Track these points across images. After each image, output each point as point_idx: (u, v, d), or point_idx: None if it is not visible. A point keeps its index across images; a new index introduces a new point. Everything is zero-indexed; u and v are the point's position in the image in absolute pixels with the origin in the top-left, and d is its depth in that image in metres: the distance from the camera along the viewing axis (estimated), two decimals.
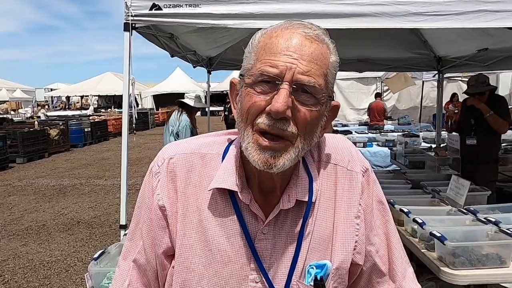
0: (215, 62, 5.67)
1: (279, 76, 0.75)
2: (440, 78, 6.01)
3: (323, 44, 0.80)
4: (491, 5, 2.28)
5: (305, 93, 0.76)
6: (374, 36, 4.44)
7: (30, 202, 6.86)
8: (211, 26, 2.48)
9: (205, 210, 0.86)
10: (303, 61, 0.75)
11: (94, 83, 29.68)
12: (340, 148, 0.95)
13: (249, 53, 0.82)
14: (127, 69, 2.66)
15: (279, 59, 0.75)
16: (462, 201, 2.81)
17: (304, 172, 0.88)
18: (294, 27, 0.79)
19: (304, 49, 0.76)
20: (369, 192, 0.94)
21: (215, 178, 0.86)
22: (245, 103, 0.78)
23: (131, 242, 0.96)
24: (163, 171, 0.89)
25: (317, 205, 0.89)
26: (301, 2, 2.41)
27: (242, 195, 0.84)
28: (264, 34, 0.82)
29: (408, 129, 9.35)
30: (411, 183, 3.54)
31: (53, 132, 12.70)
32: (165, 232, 0.89)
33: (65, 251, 4.69)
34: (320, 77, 0.77)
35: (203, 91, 26.94)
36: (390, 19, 2.34)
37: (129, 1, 2.48)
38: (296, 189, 0.86)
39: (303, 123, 0.77)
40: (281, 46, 0.76)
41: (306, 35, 0.78)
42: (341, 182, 0.92)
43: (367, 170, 0.95)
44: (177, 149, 0.91)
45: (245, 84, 0.79)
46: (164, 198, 0.88)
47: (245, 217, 0.85)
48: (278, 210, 0.84)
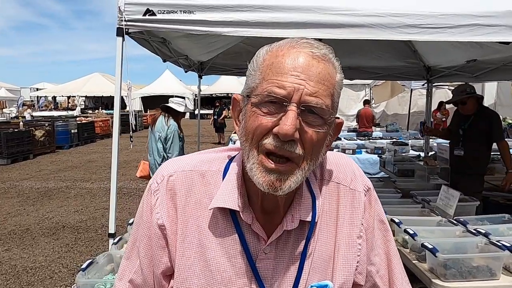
0: (206, 67, 5.65)
1: (286, 97, 0.73)
2: (429, 87, 6.09)
3: (329, 63, 0.78)
4: (484, 20, 2.31)
5: (312, 114, 0.75)
6: (365, 44, 4.48)
7: (13, 205, 6.70)
8: (205, 33, 2.46)
9: (205, 230, 0.85)
10: (310, 82, 0.74)
11: (81, 83, 29.30)
12: (343, 167, 0.94)
13: (254, 71, 0.80)
14: (119, 73, 2.62)
15: (287, 80, 0.74)
16: (452, 212, 2.84)
17: (307, 191, 0.87)
18: (301, 46, 0.77)
19: (311, 69, 0.75)
20: (371, 211, 0.94)
21: (216, 197, 0.84)
22: (251, 123, 0.77)
23: (127, 261, 0.93)
24: (162, 189, 0.87)
25: (320, 224, 0.88)
26: (296, 12, 2.41)
27: (243, 214, 0.83)
28: (269, 52, 0.80)
29: (396, 136, 9.45)
30: (401, 192, 3.56)
31: (38, 133, 12.47)
32: (165, 251, 0.87)
33: (49, 256, 4.59)
34: (327, 97, 0.76)
35: (192, 93, 26.96)
36: (385, 30, 2.36)
37: (123, 6, 2.44)
38: (300, 209, 0.84)
39: (310, 144, 0.76)
40: (288, 66, 0.75)
41: (313, 55, 0.76)
42: (344, 201, 0.91)
43: (369, 189, 0.95)
44: (177, 166, 0.89)
45: (250, 103, 0.77)
46: (164, 217, 0.86)
47: (246, 237, 0.84)
48: (282, 231, 0.83)
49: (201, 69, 5.69)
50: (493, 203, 4.35)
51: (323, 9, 2.39)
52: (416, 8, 2.37)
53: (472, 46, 3.86)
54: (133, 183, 8.22)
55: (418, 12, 2.35)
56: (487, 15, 2.32)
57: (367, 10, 2.38)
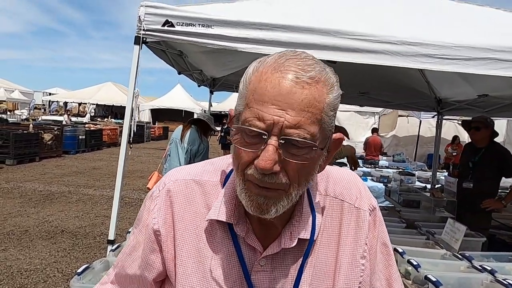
0: (218, 83, 5.71)
1: (266, 130, 0.69)
2: (439, 120, 6.08)
3: (318, 84, 0.71)
4: (499, 54, 2.31)
5: (296, 145, 0.70)
6: (377, 71, 4.50)
7: (15, 206, 6.70)
8: (222, 48, 2.49)
9: (203, 239, 0.84)
10: (292, 112, 0.69)
11: (93, 91, 29.72)
12: (348, 183, 0.92)
13: (241, 94, 0.76)
14: (133, 80, 2.65)
15: (266, 111, 0.69)
16: (457, 246, 2.78)
17: (308, 207, 0.85)
18: (285, 69, 0.71)
19: (294, 97, 0.69)
20: (374, 232, 0.91)
21: (212, 209, 0.84)
22: (236, 152, 0.75)
23: (121, 263, 0.95)
24: (162, 196, 0.88)
25: (320, 241, 0.86)
26: (312, 34, 2.44)
27: (237, 227, 0.82)
28: (256, 72, 0.74)
29: (402, 166, 9.37)
30: (406, 222, 3.51)
31: (46, 137, 12.58)
32: (158, 256, 0.87)
33: (45, 260, 4.54)
34: (312, 125, 0.70)
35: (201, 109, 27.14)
36: (400, 58, 2.37)
37: (143, 15, 2.49)
38: (299, 227, 0.82)
39: (295, 173, 0.72)
40: (269, 94, 0.70)
41: (297, 80, 0.70)
42: (347, 219, 0.89)
43: (375, 209, 0.92)
44: (179, 175, 0.90)
45: (235, 128, 0.75)
46: (160, 223, 0.86)
47: (242, 248, 0.83)
48: (280, 249, 0.81)
49: (213, 85, 5.74)
50: (499, 241, 4.27)
51: (340, 33, 2.42)
52: (432, 38, 2.38)
53: (484, 81, 3.86)
54: (136, 193, 8.20)
55: (434, 42, 2.37)
56: (503, 50, 2.32)
57: (383, 37, 2.40)
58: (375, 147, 10.55)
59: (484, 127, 4.01)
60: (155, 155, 15.59)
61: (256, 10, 2.74)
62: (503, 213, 4.86)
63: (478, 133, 4.04)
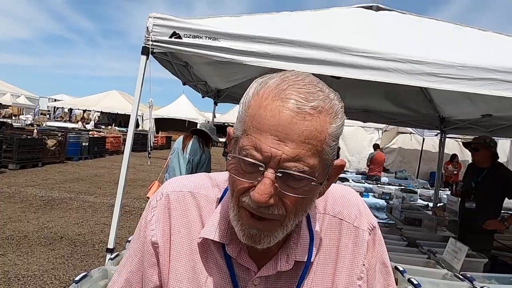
0: (223, 94, 5.75)
1: (263, 162, 0.67)
2: (442, 138, 6.07)
3: (321, 114, 0.68)
4: (503, 75, 2.32)
5: (293, 178, 0.67)
6: (382, 88, 4.53)
7: (15, 211, 6.69)
8: (227, 61, 2.52)
9: (197, 255, 0.83)
10: (291, 144, 0.65)
11: (98, 98, 29.92)
12: (348, 202, 0.90)
13: (240, 117, 0.73)
14: (139, 90, 2.67)
15: (265, 142, 0.66)
16: (458, 266, 2.75)
17: (306, 228, 0.83)
18: (287, 97, 0.67)
19: (294, 128, 0.65)
20: (373, 252, 0.89)
21: (206, 226, 0.82)
22: (232, 177, 0.73)
23: (118, 275, 0.92)
24: (159, 206, 0.86)
25: (317, 262, 0.84)
26: (318, 49, 2.46)
27: (229, 247, 0.80)
28: (256, 95, 0.71)
29: (405, 183, 9.33)
30: (407, 240, 3.48)
31: (50, 142, 12.63)
32: (155, 269, 0.85)
33: (43, 266, 4.52)
34: (312, 157, 0.67)
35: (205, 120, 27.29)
36: (403, 76, 2.39)
37: (151, 26, 2.53)
38: (296, 249, 0.80)
39: (292, 206, 0.70)
40: (268, 122, 0.66)
41: (298, 111, 0.66)
42: (345, 239, 0.87)
43: (374, 228, 0.90)
44: (177, 186, 0.88)
45: (232, 154, 0.73)
46: (158, 234, 0.84)
47: (235, 268, 0.81)
48: (275, 272, 0.80)
49: (218, 96, 5.78)
50: (501, 263, 4.22)
51: (345, 49, 2.44)
52: (436, 57, 2.40)
53: (488, 101, 3.86)
54: (136, 202, 8.18)
55: (438, 61, 2.38)
56: (506, 71, 2.33)
57: (387, 54, 2.42)
58: (380, 163, 10.54)
59: (483, 148, 4.01)
60: (157, 164, 15.59)
61: (262, 24, 2.77)
62: (505, 235, 4.81)
63: (477, 154, 4.06)
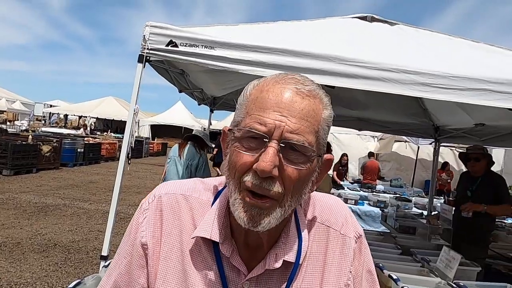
0: (219, 102, 5.77)
1: (267, 134, 0.72)
2: (436, 147, 6.12)
3: (316, 99, 0.77)
4: (495, 86, 2.37)
5: (294, 151, 0.73)
6: (376, 97, 4.57)
7: (8, 217, 6.64)
8: (223, 69, 2.54)
9: (188, 256, 0.84)
10: (292, 118, 0.72)
11: (94, 105, 29.87)
12: (335, 210, 0.93)
13: (240, 105, 0.80)
14: (135, 98, 2.69)
15: (268, 116, 0.73)
16: (451, 275, 2.76)
17: (295, 230, 0.85)
18: (286, 82, 0.76)
19: (294, 106, 0.73)
20: (360, 260, 0.91)
21: (199, 226, 0.84)
22: (233, 159, 0.76)
23: (107, 278, 0.92)
24: (151, 209, 0.87)
25: (305, 266, 0.86)
26: (313, 58, 2.49)
27: (223, 246, 0.82)
28: (256, 87, 0.79)
29: (400, 191, 9.37)
30: (401, 249, 3.49)
31: (45, 148, 12.56)
32: (143, 272, 0.86)
33: (36, 273, 4.48)
34: (311, 134, 0.74)
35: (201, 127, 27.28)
36: (397, 85, 2.42)
37: (147, 35, 2.55)
38: (285, 249, 0.83)
39: (291, 182, 0.74)
40: (271, 101, 0.74)
41: (297, 91, 0.75)
42: (333, 246, 0.89)
43: (360, 237, 0.93)
44: (170, 189, 0.90)
45: (234, 137, 0.77)
46: (148, 236, 0.85)
47: (226, 269, 0.82)
48: (264, 270, 0.81)
49: (214, 104, 5.81)
50: (494, 272, 4.24)
51: (339, 59, 2.48)
52: (429, 67, 2.44)
53: (481, 110, 3.91)
54: (131, 209, 8.14)
55: (431, 71, 2.42)
56: (498, 82, 2.38)
57: (381, 64, 2.46)
58: (373, 171, 10.57)
59: (483, 157, 4.06)
60: (152, 170, 15.55)
61: (258, 34, 2.81)
62: (499, 243, 4.84)
63: (478, 164, 4.06)
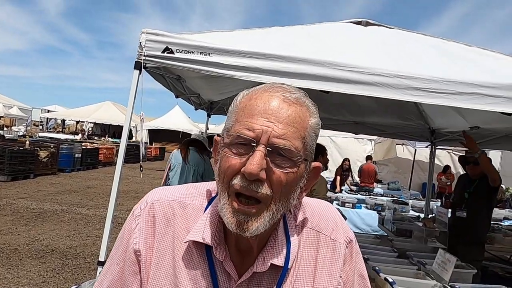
0: (216, 106, 5.79)
1: (255, 138, 0.75)
2: (432, 150, 6.15)
3: (302, 106, 0.80)
4: (487, 90, 2.40)
5: (281, 156, 0.76)
6: (373, 101, 4.60)
7: (6, 223, 6.62)
8: (219, 75, 2.56)
9: (179, 262, 0.85)
10: (279, 124, 0.76)
11: (92, 110, 29.86)
12: (325, 215, 0.94)
13: (230, 113, 0.83)
14: (131, 104, 2.71)
15: (256, 122, 0.76)
16: (447, 277, 2.78)
17: (283, 235, 0.87)
18: (274, 90, 0.80)
19: (281, 112, 0.77)
20: (351, 264, 0.92)
21: (192, 230, 0.85)
22: (223, 164, 0.79)
23: (99, 285, 0.93)
24: (144, 215, 0.89)
25: (296, 271, 0.87)
26: (307, 64, 2.52)
27: (216, 250, 0.83)
28: (246, 96, 0.83)
29: (397, 194, 9.39)
30: (397, 252, 3.51)
31: (42, 154, 12.54)
32: (136, 278, 0.87)
33: (33, 280, 4.47)
34: (297, 139, 0.77)
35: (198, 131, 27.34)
36: (391, 90, 2.45)
37: (144, 42, 2.57)
38: (273, 252, 0.84)
39: (278, 185, 0.76)
40: (259, 108, 0.77)
41: (284, 98, 0.79)
42: (323, 251, 0.90)
43: (351, 241, 0.94)
44: (162, 195, 0.91)
45: (223, 144, 0.80)
46: (141, 243, 0.86)
47: (218, 274, 0.84)
48: (252, 273, 0.83)
49: (211, 108, 5.83)
50: (491, 274, 4.26)
51: (333, 64, 2.50)
52: (422, 72, 2.47)
53: (476, 114, 3.94)
54: (129, 214, 8.13)
55: (424, 76, 2.45)
56: (490, 86, 2.41)
57: (375, 69, 2.48)
58: (370, 174, 10.59)
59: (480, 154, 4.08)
60: (150, 175, 15.53)
61: (253, 39, 2.84)
62: (496, 245, 4.86)
63: (478, 167, 4.06)
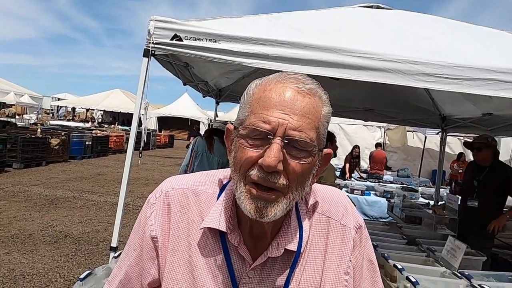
0: (224, 93, 5.78)
1: (271, 131, 0.76)
2: (443, 137, 6.08)
3: (315, 97, 0.81)
4: (501, 76, 2.35)
5: (297, 147, 0.77)
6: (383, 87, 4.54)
7: (20, 210, 6.76)
8: (228, 62, 2.55)
9: (195, 247, 0.88)
10: (295, 116, 0.77)
11: (101, 97, 30.04)
12: (335, 202, 0.96)
13: (244, 104, 0.83)
14: (141, 92, 2.71)
15: (272, 115, 0.77)
16: (457, 264, 2.78)
17: (295, 221, 0.89)
18: (288, 81, 0.81)
19: (296, 104, 0.78)
20: (360, 249, 0.94)
21: (207, 217, 0.87)
22: (239, 155, 0.80)
23: (118, 270, 0.96)
24: (159, 203, 0.91)
25: (307, 256, 0.89)
26: (317, 50, 2.49)
27: (231, 236, 0.86)
28: (259, 86, 0.83)
29: (407, 182, 9.35)
30: (407, 239, 3.51)
31: (54, 141, 12.71)
32: (154, 263, 0.90)
33: (48, 264, 4.58)
34: (312, 130, 0.78)
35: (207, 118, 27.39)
36: (402, 76, 2.41)
37: (152, 29, 2.56)
38: (286, 238, 0.86)
39: (294, 175, 0.78)
40: (274, 100, 0.78)
41: (298, 90, 0.79)
42: (333, 236, 0.92)
43: (361, 227, 0.96)
44: (177, 183, 0.94)
45: (239, 135, 0.81)
46: (157, 229, 0.89)
47: (232, 259, 0.86)
48: (266, 257, 0.85)
49: (219, 96, 5.82)
50: (501, 261, 4.24)
51: (343, 50, 2.47)
52: (435, 58, 2.42)
53: (488, 100, 3.88)
54: (140, 200, 8.24)
55: (436, 61, 2.41)
56: (504, 71, 2.35)
57: (386, 55, 2.45)
58: (380, 161, 10.54)
59: (486, 147, 4.04)
60: (160, 162, 15.66)
61: (262, 26, 2.80)
62: (506, 233, 4.82)
63: (480, 154, 4.08)
